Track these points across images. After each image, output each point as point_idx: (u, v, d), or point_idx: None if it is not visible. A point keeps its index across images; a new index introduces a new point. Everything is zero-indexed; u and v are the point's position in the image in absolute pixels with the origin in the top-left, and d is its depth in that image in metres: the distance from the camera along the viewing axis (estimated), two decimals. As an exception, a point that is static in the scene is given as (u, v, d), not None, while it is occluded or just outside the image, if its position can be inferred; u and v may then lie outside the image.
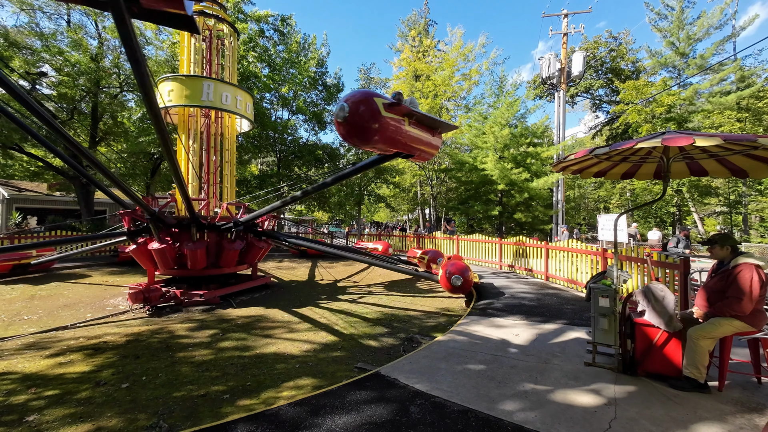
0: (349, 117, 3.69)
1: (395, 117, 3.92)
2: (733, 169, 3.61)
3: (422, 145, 4.49)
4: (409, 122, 4.16)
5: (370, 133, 3.76)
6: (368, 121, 3.69)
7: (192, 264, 6.99)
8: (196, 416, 2.94)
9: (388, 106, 3.82)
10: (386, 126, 3.81)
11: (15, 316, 5.97)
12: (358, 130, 3.74)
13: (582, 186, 32.32)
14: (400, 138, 4.08)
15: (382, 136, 3.83)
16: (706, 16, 18.39)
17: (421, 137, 4.41)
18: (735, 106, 17.52)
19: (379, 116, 3.72)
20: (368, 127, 3.71)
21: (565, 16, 18.34)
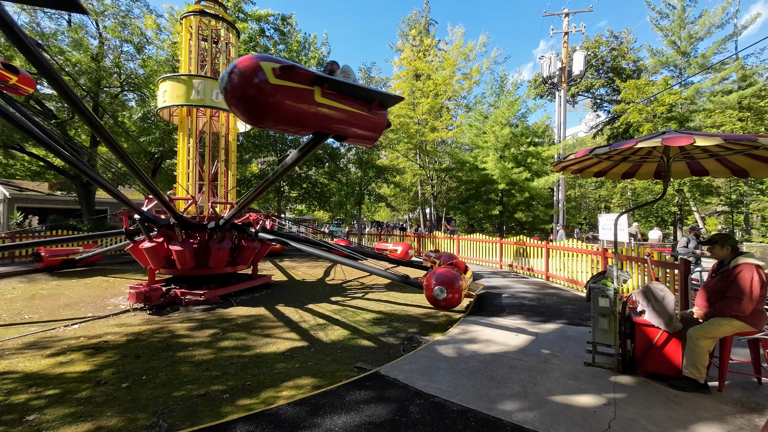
0: (229, 87, 2.99)
1: (294, 86, 3.12)
2: (734, 168, 3.60)
3: (350, 124, 3.59)
4: (323, 93, 3.30)
5: (256, 106, 3.03)
6: (251, 91, 2.96)
7: (179, 264, 6.94)
8: (195, 416, 2.94)
9: (281, 71, 3.02)
10: (279, 97, 3.04)
11: (16, 316, 5.98)
12: (241, 102, 3.03)
13: (583, 185, 32.27)
14: (308, 113, 3.24)
15: (274, 111, 3.07)
16: (707, 14, 18.32)
17: (344, 112, 3.48)
18: (736, 105, 17.45)
19: (267, 85, 2.98)
20: (251, 98, 2.99)
21: (566, 15, 18.30)
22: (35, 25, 14.45)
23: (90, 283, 8.88)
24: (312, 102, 3.24)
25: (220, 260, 7.25)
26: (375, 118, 3.76)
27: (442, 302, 5.32)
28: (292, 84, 3.10)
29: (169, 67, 15.33)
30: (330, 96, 3.36)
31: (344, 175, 22.00)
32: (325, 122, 3.43)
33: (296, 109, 3.19)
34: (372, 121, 3.75)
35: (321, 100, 3.30)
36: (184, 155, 7.95)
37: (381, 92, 3.84)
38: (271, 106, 3.04)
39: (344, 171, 22.28)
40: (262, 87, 2.97)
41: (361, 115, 3.63)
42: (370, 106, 3.68)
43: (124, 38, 15.65)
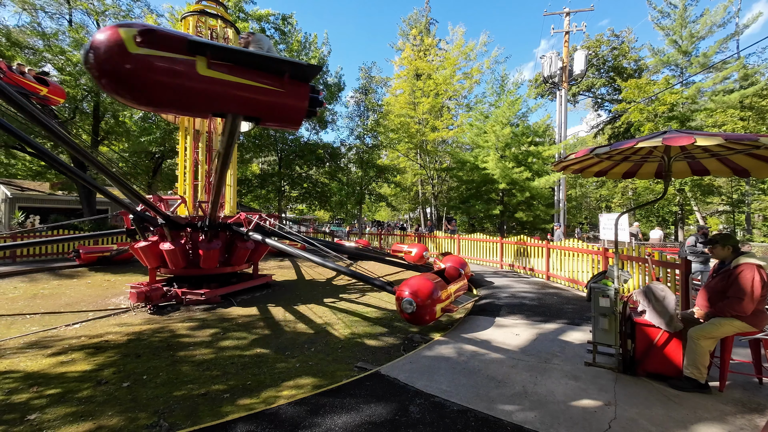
0: (90, 64, 2.54)
1: (164, 55, 2.56)
2: (735, 168, 3.59)
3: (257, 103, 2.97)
4: (209, 64, 2.70)
5: (121, 83, 2.53)
6: (109, 65, 2.49)
7: (170, 263, 6.98)
8: (196, 415, 2.95)
9: (141, 36, 2.47)
10: (145, 70, 2.51)
11: (17, 315, 6.00)
12: (104, 80, 2.56)
13: (584, 185, 32.23)
14: (191, 89, 2.68)
15: (144, 88, 2.55)
16: (709, 14, 18.27)
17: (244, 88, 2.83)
18: (738, 104, 17.41)
19: (127, 56, 2.47)
20: (112, 73, 2.51)
21: (566, 15, 18.27)
22: (36, 26, 14.46)
23: (91, 282, 8.90)
24: (194, 76, 2.65)
25: (210, 260, 7.09)
26: (291, 93, 3.02)
27: (409, 317, 4.60)
28: (161, 53, 2.54)
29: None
30: (219, 68, 2.73)
31: (345, 175, 22.01)
32: (219, 101, 2.82)
33: (173, 84, 2.60)
34: (287, 97, 3.02)
35: (207, 72, 2.69)
36: (183, 155, 7.95)
37: (291, 61, 3.07)
38: (137, 81, 2.50)
39: (345, 171, 22.29)
40: (121, 59, 2.46)
41: (271, 90, 2.94)
42: (282, 79, 2.97)
43: (125, 38, 15.65)
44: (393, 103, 24.13)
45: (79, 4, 15.04)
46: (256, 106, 3.00)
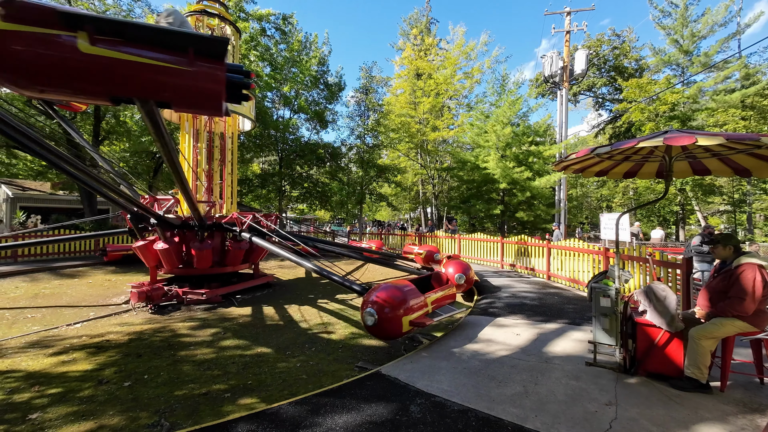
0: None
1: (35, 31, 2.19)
2: (737, 168, 3.58)
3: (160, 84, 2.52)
4: (92, 40, 2.27)
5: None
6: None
7: (165, 263, 7.04)
8: (197, 414, 2.95)
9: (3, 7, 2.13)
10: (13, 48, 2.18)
11: (19, 314, 6.02)
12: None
13: (584, 185, 32.20)
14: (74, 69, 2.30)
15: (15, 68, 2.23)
16: (710, 13, 18.22)
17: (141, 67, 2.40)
18: (739, 104, 17.37)
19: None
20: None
21: (567, 14, 18.23)
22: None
23: (92, 282, 8.91)
24: (76, 54, 2.26)
25: (203, 260, 7.03)
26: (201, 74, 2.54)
27: (371, 329, 4.04)
28: (30, 29, 2.18)
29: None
30: (106, 44, 2.31)
31: (345, 175, 22.01)
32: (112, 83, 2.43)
33: (51, 65, 2.25)
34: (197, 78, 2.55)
35: (92, 50, 2.29)
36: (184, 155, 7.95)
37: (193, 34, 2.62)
38: (5, 63, 2.18)
39: (345, 170, 22.30)
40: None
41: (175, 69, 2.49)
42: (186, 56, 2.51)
43: (125, 38, 15.68)
44: (393, 103, 24.12)
45: (80, 3, 15.06)
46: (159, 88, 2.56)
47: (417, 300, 4.36)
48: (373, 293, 4.15)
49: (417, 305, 4.33)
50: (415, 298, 4.34)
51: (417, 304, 4.34)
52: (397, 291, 4.21)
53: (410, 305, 4.18)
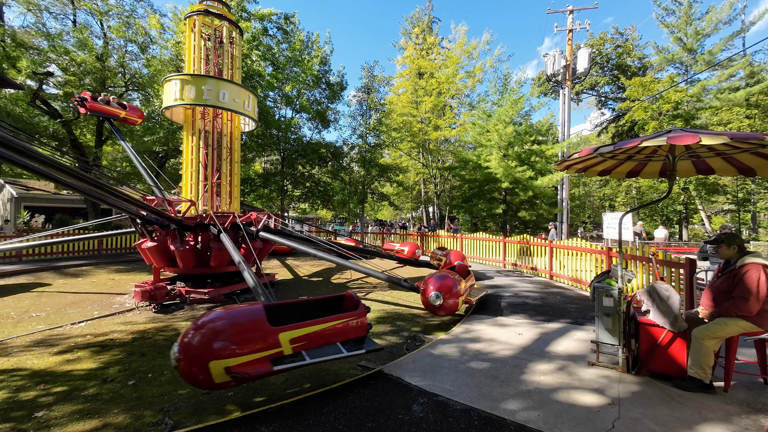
0: None
1: None
2: (741, 167, 3.56)
3: None
4: None
5: None
6: None
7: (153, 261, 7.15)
8: (201, 413, 2.97)
9: None
10: None
11: (24, 313, 6.06)
12: None
13: (587, 184, 32.08)
14: None
15: None
16: (714, 11, 18.10)
17: None
18: (744, 102, 17.26)
19: None
20: None
21: (570, 12, 18.15)
22: (41, 26, 14.56)
23: (96, 281, 8.97)
24: None
25: (183, 260, 7.03)
26: None
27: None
28: None
29: (173, 66, 15.41)
30: None
31: (347, 174, 22.03)
32: None
33: None
34: None
35: None
36: (188, 154, 7.98)
37: None
38: None
39: (347, 170, 22.31)
40: None
41: None
42: None
43: (128, 38, 15.74)
44: (395, 102, 24.11)
45: (83, 4, 15.12)
46: None
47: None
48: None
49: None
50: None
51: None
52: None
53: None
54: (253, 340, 2.86)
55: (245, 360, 2.81)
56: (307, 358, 3.06)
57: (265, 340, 2.93)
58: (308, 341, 3.12)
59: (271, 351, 2.93)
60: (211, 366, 2.65)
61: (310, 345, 3.14)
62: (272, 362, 2.88)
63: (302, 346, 3.09)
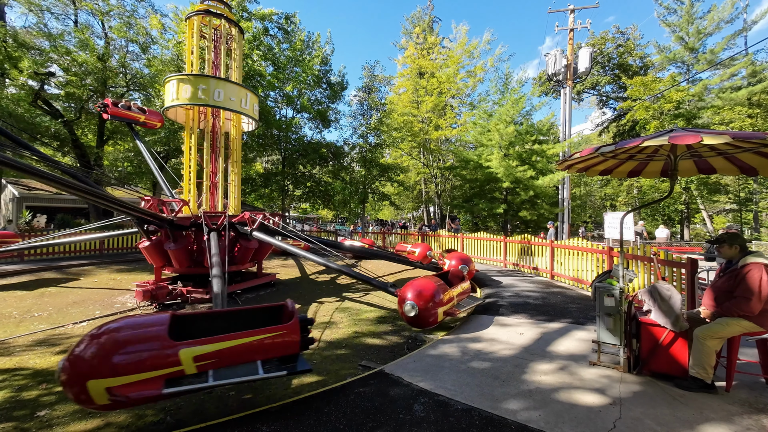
0: None
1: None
2: (743, 166, 3.55)
3: None
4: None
5: None
6: None
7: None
8: (202, 412, 2.98)
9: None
10: None
11: (26, 313, 6.08)
12: None
13: (588, 183, 32.02)
14: None
15: None
16: (716, 10, 18.04)
17: None
18: (746, 101, 17.20)
19: None
20: None
21: (571, 12, 18.10)
22: (43, 26, 14.59)
23: (97, 281, 8.99)
24: None
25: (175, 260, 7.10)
26: None
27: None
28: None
29: (175, 66, 15.43)
30: None
31: (348, 174, 22.04)
32: None
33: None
34: None
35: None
36: (188, 154, 7.99)
37: None
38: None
39: (348, 170, 22.32)
40: None
41: None
42: None
43: (129, 38, 15.78)
44: (396, 102, 24.10)
45: (85, 4, 15.15)
46: None
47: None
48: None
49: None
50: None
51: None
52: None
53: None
54: (145, 356, 2.50)
55: (131, 380, 2.46)
56: (211, 379, 2.65)
57: (162, 357, 2.57)
58: (218, 359, 2.70)
59: (167, 370, 2.56)
60: (90, 385, 2.33)
61: (221, 363, 2.74)
62: (169, 383, 2.52)
63: (210, 365, 2.69)
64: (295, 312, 3.18)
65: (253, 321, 3.28)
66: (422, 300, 4.52)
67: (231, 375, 2.74)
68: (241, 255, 7.79)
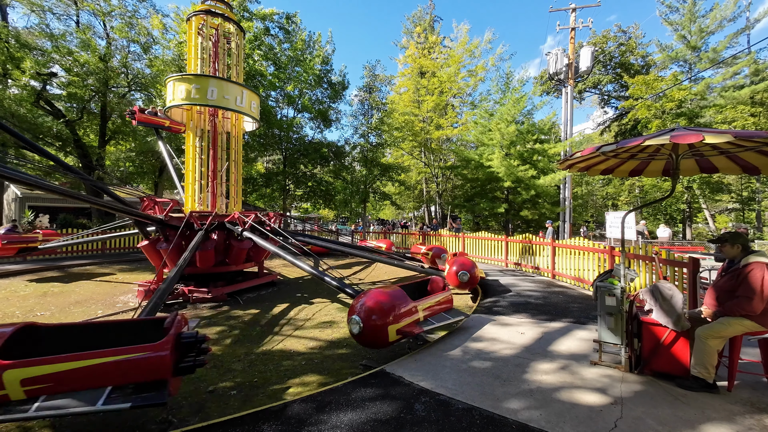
0: None
1: None
2: (745, 165, 3.54)
3: None
4: None
5: None
6: None
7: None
8: (204, 411, 2.99)
9: None
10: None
11: (29, 312, 6.11)
12: None
13: (590, 183, 31.94)
14: None
15: None
16: (719, 8, 17.96)
17: None
18: (749, 100, 17.12)
19: None
20: None
21: (573, 11, 18.05)
22: (45, 27, 14.64)
23: (100, 280, 9.03)
24: None
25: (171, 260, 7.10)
26: None
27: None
28: None
29: (176, 66, 15.46)
30: None
31: (349, 173, 22.05)
32: None
33: None
34: None
35: None
36: (188, 154, 8.01)
37: None
38: None
39: (349, 169, 22.34)
40: None
41: None
42: None
43: (131, 38, 15.82)
44: (397, 102, 24.10)
45: (86, 5, 15.20)
46: None
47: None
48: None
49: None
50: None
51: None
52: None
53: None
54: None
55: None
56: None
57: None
58: (54, 383, 2.33)
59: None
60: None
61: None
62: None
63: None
64: (171, 328, 2.75)
65: (135, 335, 2.96)
66: (369, 314, 3.67)
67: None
68: (234, 255, 7.67)
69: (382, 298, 3.84)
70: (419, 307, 4.21)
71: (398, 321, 3.79)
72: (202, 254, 6.91)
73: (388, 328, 3.70)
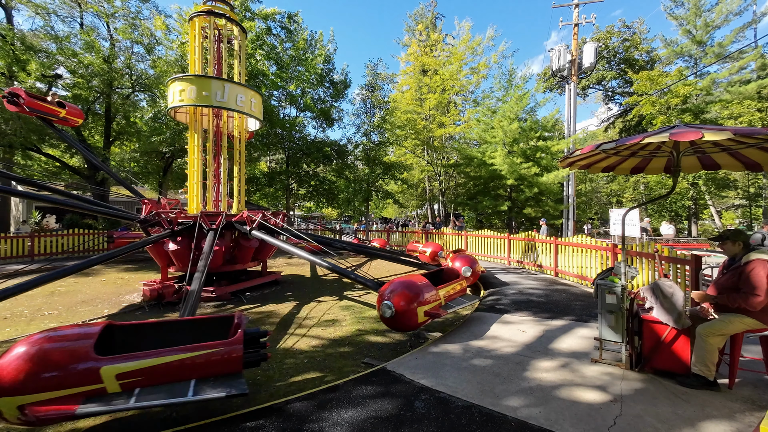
0: None
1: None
2: (747, 162, 3.52)
3: None
4: None
5: None
6: None
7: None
8: (207, 409, 3.04)
9: None
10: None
11: (36, 312, 6.22)
12: None
13: (594, 180, 31.71)
14: None
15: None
16: (724, 2, 17.73)
17: None
18: (755, 95, 16.89)
19: None
20: None
21: (576, 6, 17.89)
22: (49, 29, 14.78)
23: (105, 280, 9.14)
24: None
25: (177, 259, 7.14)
26: None
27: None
28: None
29: (179, 67, 15.54)
30: None
31: (352, 172, 22.08)
32: None
33: None
34: None
35: None
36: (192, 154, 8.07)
37: None
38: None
39: (352, 168, 22.36)
40: None
41: None
42: None
43: (134, 39, 15.92)
44: (399, 100, 24.04)
45: (90, 7, 15.31)
46: None
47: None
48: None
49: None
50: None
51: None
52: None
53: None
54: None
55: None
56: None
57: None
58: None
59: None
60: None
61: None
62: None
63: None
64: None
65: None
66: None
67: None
68: (243, 254, 7.81)
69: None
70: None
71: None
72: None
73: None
